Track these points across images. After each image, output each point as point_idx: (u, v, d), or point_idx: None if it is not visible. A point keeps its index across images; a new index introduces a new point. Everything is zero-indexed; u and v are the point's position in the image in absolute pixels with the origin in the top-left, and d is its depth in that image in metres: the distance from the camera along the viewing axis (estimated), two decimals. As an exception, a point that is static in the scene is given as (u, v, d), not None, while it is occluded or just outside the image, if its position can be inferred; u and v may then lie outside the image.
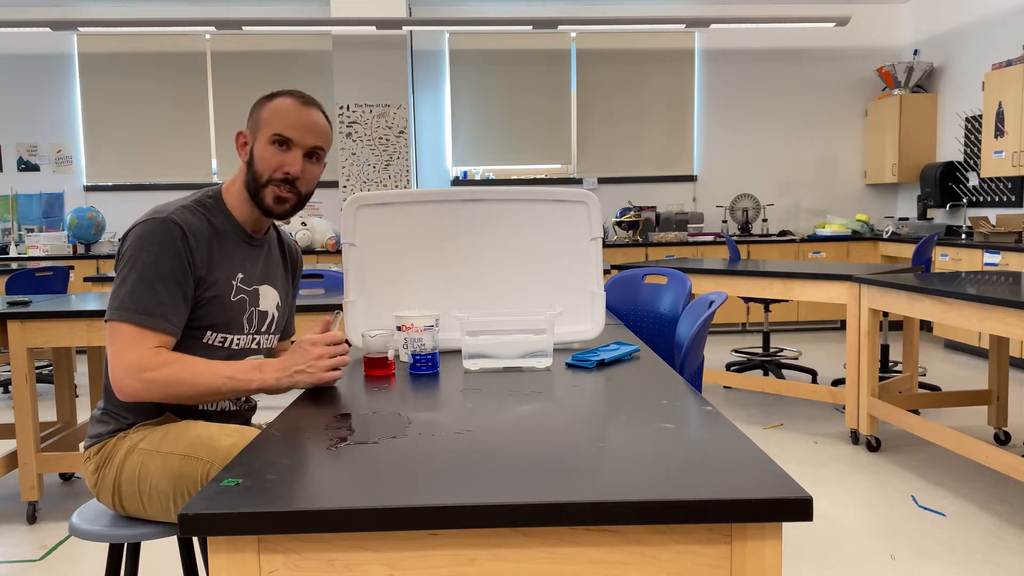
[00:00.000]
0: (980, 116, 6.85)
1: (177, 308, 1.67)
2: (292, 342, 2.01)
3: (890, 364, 5.62)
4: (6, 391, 5.63)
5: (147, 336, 1.62)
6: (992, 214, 6.75)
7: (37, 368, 5.74)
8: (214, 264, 1.73)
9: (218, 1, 7.60)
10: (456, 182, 7.88)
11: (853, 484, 3.46)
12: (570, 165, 7.94)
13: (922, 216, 7.47)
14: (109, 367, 1.62)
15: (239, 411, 1.89)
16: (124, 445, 1.70)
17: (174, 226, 1.66)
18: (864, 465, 3.70)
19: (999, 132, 6.08)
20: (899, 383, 4.30)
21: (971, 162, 6.96)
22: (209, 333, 1.75)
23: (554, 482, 1.05)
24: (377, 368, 1.81)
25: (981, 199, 6.87)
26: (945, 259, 6.38)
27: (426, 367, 1.82)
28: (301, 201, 1.79)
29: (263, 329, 1.87)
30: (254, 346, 1.85)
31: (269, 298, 1.88)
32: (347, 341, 1.72)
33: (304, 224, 7.15)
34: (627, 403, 1.47)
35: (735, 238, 7.58)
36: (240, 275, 1.79)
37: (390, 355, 1.82)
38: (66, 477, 3.75)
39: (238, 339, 1.81)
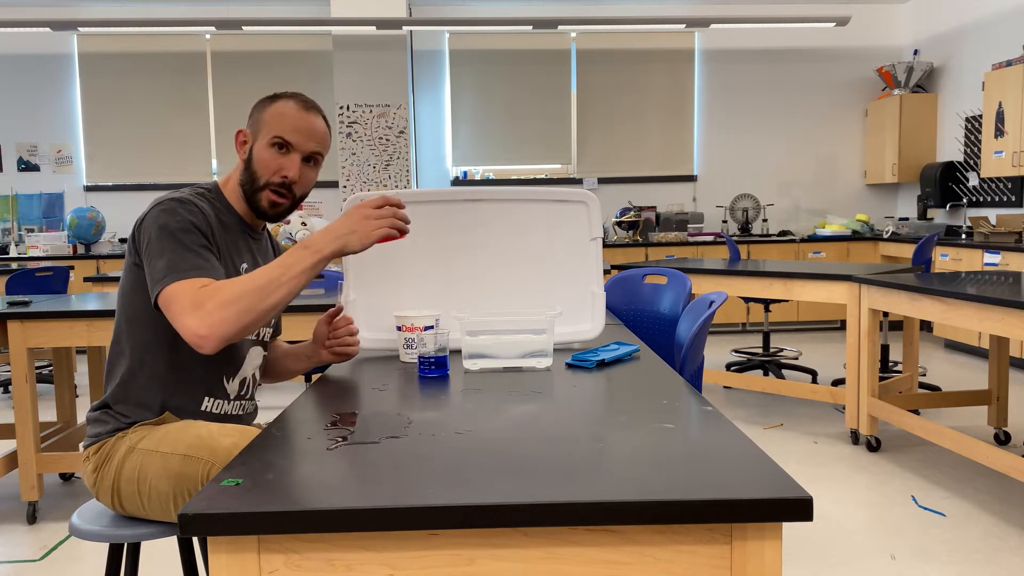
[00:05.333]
0: (980, 116, 6.84)
1: (216, 264, 1.66)
2: (300, 342, 2.01)
3: (890, 364, 5.61)
4: (6, 391, 5.63)
5: (195, 283, 1.57)
6: (992, 214, 6.75)
7: (37, 368, 5.73)
8: (223, 251, 1.75)
9: (218, 1, 7.60)
10: (456, 182, 7.88)
11: (853, 484, 3.45)
12: (570, 165, 7.94)
13: (922, 216, 7.47)
14: (180, 330, 1.54)
15: (243, 415, 1.89)
16: (123, 445, 1.70)
17: (192, 205, 1.68)
18: (864, 465, 3.70)
19: (999, 132, 6.08)
20: (899, 383, 4.29)
21: (971, 162, 6.96)
22: None
23: (554, 482, 1.04)
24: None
25: (981, 199, 6.87)
26: (945, 259, 6.38)
27: (432, 370, 1.76)
28: (294, 204, 1.80)
29: None
30: (254, 336, 1.87)
31: None
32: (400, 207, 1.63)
33: (304, 224, 7.14)
34: (627, 403, 1.47)
35: (735, 238, 7.58)
36: (245, 266, 1.82)
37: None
38: (66, 477, 3.75)
39: None
